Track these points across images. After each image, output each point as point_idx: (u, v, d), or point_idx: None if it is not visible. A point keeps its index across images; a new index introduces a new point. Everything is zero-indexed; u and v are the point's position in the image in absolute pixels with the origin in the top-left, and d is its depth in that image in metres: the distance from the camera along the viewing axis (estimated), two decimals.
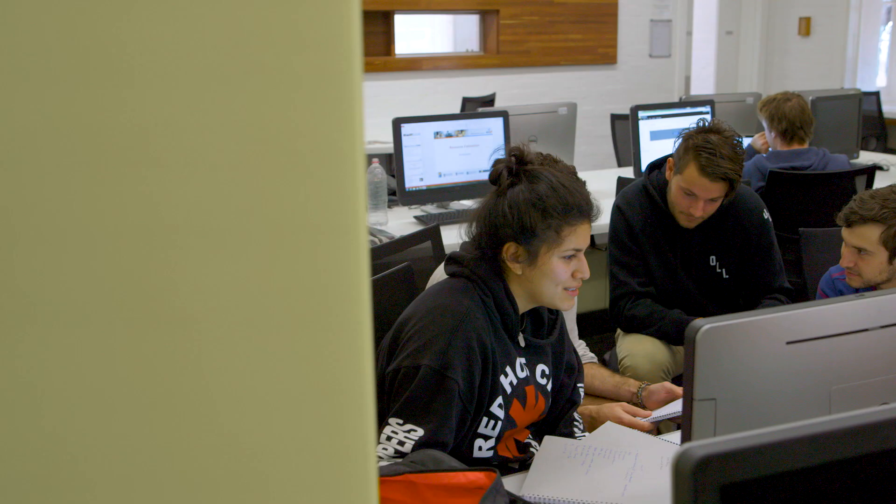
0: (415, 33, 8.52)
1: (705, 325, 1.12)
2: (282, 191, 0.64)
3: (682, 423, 1.18)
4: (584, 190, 1.72)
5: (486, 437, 1.67)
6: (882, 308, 1.25)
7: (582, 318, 2.63)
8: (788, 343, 1.17)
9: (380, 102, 6.30)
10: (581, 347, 2.41)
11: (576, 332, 2.41)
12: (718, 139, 2.38)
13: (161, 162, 0.59)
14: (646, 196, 2.63)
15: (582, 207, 1.67)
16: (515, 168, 1.67)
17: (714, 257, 2.63)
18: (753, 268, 2.62)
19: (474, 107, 5.76)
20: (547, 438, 1.70)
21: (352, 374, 0.69)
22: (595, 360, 2.43)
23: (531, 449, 1.75)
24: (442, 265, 1.83)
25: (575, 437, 1.83)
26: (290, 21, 0.63)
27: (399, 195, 3.63)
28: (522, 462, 1.74)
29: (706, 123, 2.45)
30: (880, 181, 4.64)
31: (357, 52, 0.66)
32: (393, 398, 1.60)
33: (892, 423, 0.81)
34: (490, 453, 1.67)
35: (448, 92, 6.52)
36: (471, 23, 7.33)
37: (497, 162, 1.71)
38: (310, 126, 0.65)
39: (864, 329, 1.22)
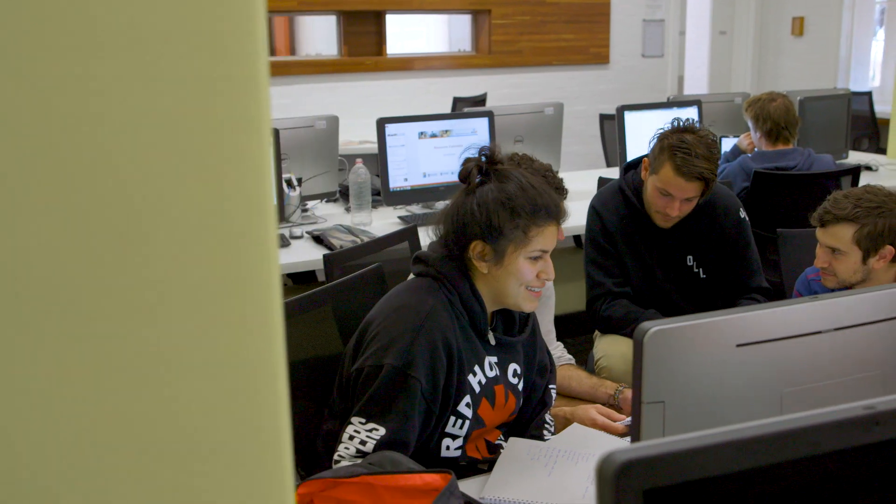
0: (411, 33, 8.51)
1: (653, 328, 1.12)
2: (188, 190, 0.64)
3: (632, 426, 1.17)
4: (553, 192, 1.72)
5: (454, 437, 1.66)
6: (836, 310, 1.24)
7: (561, 320, 2.63)
8: (738, 346, 1.16)
9: (371, 102, 6.31)
10: (558, 349, 2.41)
11: (553, 334, 2.41)
12: (693, 139, 2.37)
13: (76, 161, 0.59)
14: (621, 196, 2.62)
15: (550, 209, 1.67)
16: (485, 167, 1.67)
17: (691, 257, 2.62)
18: (730, 267, 2.62)
19: (465, 107, 5.76)
20: (512, 440, 1.69)
21: (264, 371, 0.69)
22: (573, 361, 2.42)
23: (501, 450, 1.75)
24: None
25: (544, 440, 1.82)
26: (198, 25, 0.63)
27: (383, 195, 3.63)
28: (492, 463, 1.73)
29: (681, 123, 2.45)
30: (869, 181, 4.64)
31: (263, 55, 0.66)
32: (356, 397, 1.60)
33: (813, 430, 0.81)
34: (458, 453, 1.67)
35: (440, 92, 6.52)
36: (465, 23, 7.33)
37: (467, 161, 1.71)
38: (217, 129, 0.65)
39: (817, 332, 1.22)
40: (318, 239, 3.32)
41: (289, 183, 3.66)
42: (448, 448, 1.66)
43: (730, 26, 7.95)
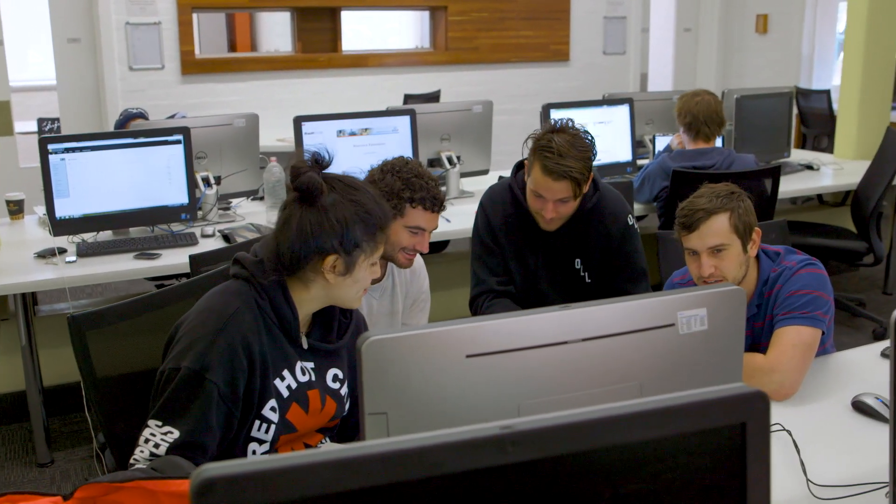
0: (390, 29, 8.47)
1: (370, 338, 1.10)
2: None
3: (360, 439, 1.16)
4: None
5: (261, 441, 1.65)
6: (586, 320, 1.22)
7: None
8: (469, 356, 1.14)
9: (325, 99, 6.29)
10: None
11: None
12: (562, 139, 2.34)
13: None
14: (510, 195, 2.59)
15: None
16: (325, 177, 1.68)
17: (579, 260, 2.58)
18: (613, 273, 2.58)
19: (416, 104, 5.74)
20: (326, 445, 1.68)
21: None
22: None
23: None
24: None
25: None
26: None
27: None
28: None
29: (558, 123, 2.42)
30: (809, 180, 4.60)
31: None
32: (156, 400, 1.59)
33: (434, 450, 0.80)
34: None
35: (394, 89, 6.49)
36: (424, 19, 7.29)
37: (301, 168, 1.70)
38: None
39: (562, 342, 1.20)
40: (227, 237, 3.31)
41: (205, 181, 3.65)
42: (255, 453, 1.65)
43: (694, 23, 7.91)
